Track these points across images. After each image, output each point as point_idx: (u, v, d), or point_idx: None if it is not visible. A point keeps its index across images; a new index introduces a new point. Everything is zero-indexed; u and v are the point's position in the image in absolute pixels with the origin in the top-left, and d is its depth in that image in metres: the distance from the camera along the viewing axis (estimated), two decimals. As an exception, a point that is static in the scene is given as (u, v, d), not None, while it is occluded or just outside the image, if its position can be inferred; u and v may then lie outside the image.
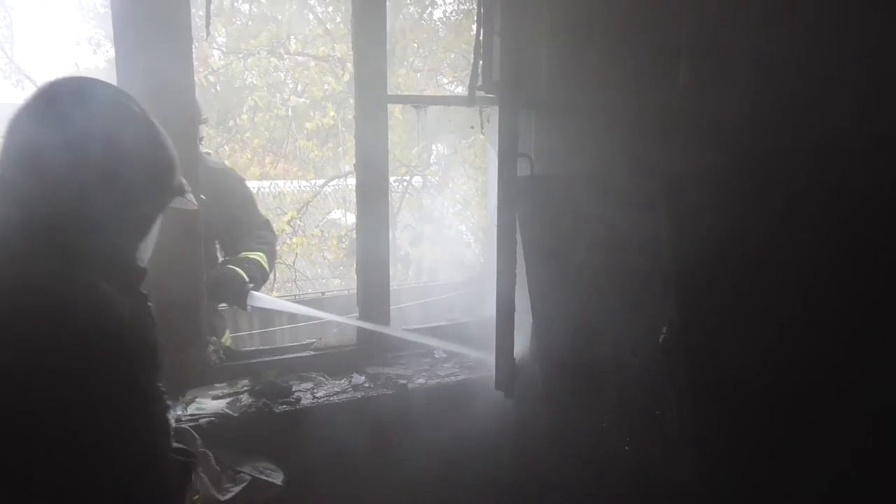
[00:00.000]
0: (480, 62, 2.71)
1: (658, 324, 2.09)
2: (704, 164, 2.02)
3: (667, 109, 2.18)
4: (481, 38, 2.69)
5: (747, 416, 1.93)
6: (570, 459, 2.51)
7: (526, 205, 2.51)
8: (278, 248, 7.68)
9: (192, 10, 2.45)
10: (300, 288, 8.01)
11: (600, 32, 2.38)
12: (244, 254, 2.99)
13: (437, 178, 8.31)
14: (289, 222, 8.09)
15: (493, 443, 2.79)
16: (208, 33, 2.67)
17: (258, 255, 3.00)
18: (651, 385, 2.15)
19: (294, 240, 8.08)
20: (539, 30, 2.65)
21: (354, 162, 2.79)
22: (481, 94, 2.76)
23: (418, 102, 3.03)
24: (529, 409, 2.68)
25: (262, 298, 2.89)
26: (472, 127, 2.92)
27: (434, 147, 8.19)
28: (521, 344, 2.68)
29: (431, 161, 8.37)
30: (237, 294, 2.82)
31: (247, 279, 2.85)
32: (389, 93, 2.78)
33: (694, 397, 2.05)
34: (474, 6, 2.72)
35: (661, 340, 2.08)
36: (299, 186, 9.18)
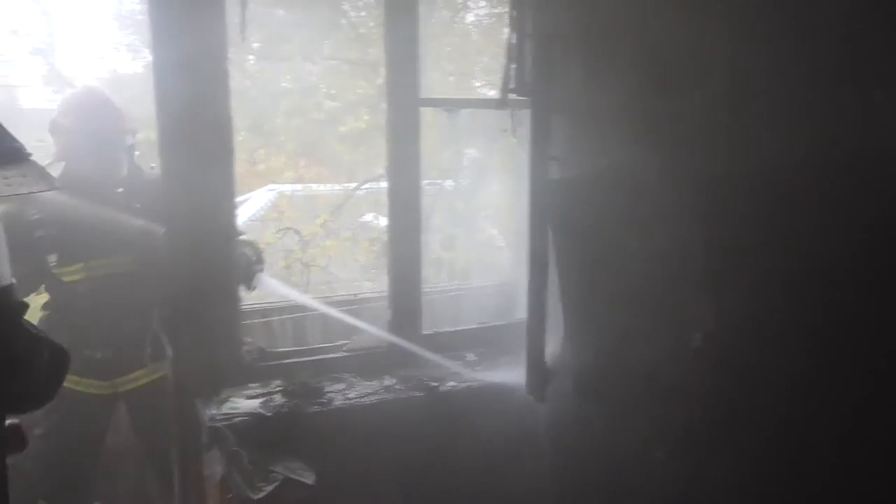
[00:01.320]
0: (513, 65, 2.71)
1: (691, 329, 2.06)
2: (739, 169, 1.99)
3: (701, 114, 2.15)
4: (514, 41, 2.69)
5: (783, 424, 1.90)
6: (601, 467, 2.49)
7: (557, 208, 2.49)
8: (313, 251, 7.72)
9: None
10: (334, 290, 8.04)
11: (634, 35, 2.36)
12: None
13: (469, 182, 8.30)
14: (322, 225, 8.14)
15: (524, 448, 2.78)
16: (244, 38, 2.70)
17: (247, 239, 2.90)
18: (685, 392, 2.12)
19: (327, 242, 8.12)
20: (571, 32, 2.64)
21: (387, 165, 2.81)
22: (513, 97, 2.76)
23: (451, 106, 3.04)
24: (560, 415, 2.66)
25: (269, 282, 2.82)
26: (505, 130, 2.91)
27: (466, 150, 8.18)
28: (553, 348, 2.67)
29: (464, 164, 8.36)
30: (245, 273, 2.73)
31: (254, 259, 2.76)
32: (422, 96, 2.79)
33: (728, 405, 2.02)
34: (507, 10, 2.72)
35: (694, 346, 2.05)
36: (332, 190, 9.24)
